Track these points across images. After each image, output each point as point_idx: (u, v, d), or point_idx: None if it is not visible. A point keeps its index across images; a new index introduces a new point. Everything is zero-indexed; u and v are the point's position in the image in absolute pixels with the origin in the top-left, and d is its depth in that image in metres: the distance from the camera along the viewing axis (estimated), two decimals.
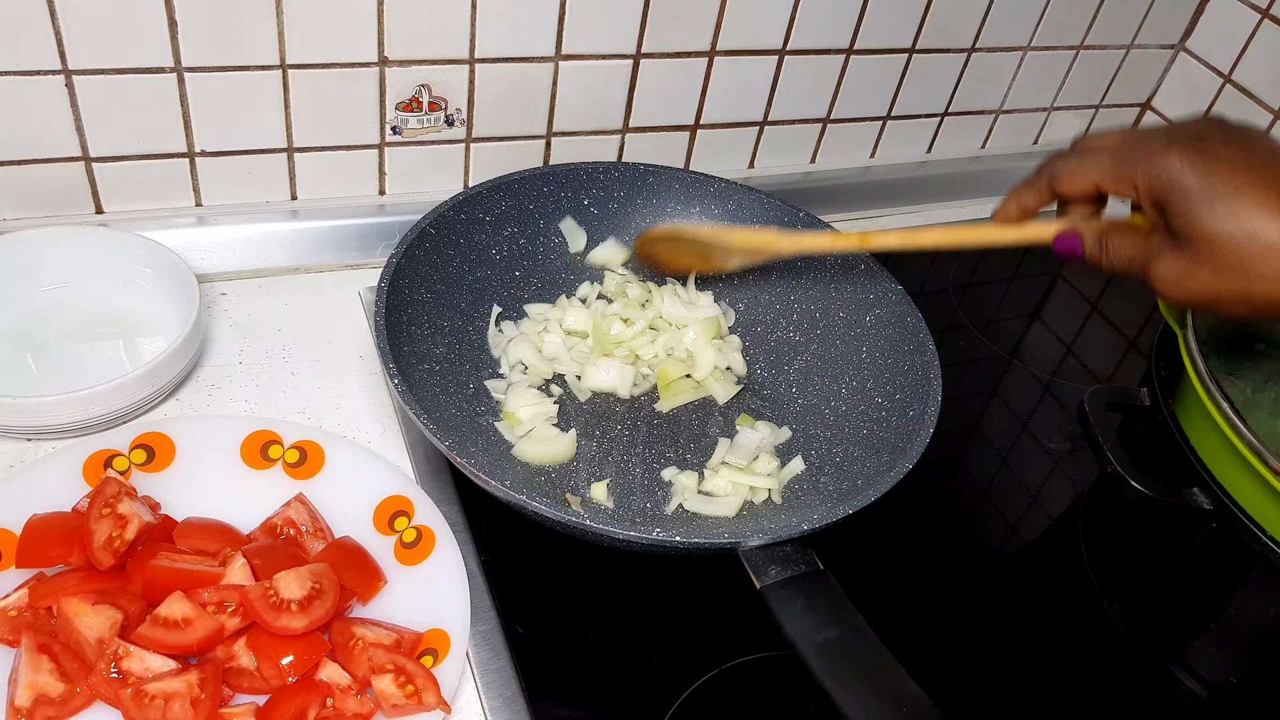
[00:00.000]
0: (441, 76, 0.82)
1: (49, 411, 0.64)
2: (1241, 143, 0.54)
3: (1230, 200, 0.52)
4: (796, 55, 0.94)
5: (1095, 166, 0.59)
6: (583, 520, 0.57)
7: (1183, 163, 0.54)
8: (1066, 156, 0.61)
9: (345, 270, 0.86)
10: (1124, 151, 0.57)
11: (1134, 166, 0.56)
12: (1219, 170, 0.53)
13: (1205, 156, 0.54)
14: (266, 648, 0.56)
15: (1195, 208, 0.53)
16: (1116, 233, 0.59)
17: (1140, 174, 0.56)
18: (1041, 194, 0.62)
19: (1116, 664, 0.70)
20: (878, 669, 0.55)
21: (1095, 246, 0.60)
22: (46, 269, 0.75)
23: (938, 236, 0.69)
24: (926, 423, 0.67)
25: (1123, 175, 0.57)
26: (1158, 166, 0.55)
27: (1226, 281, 0.53)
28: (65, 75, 0.72)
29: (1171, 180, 0.54)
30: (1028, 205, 0.63)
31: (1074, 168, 0.60)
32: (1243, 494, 0.62)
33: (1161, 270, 0.56)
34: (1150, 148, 0.56)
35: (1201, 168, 0.53)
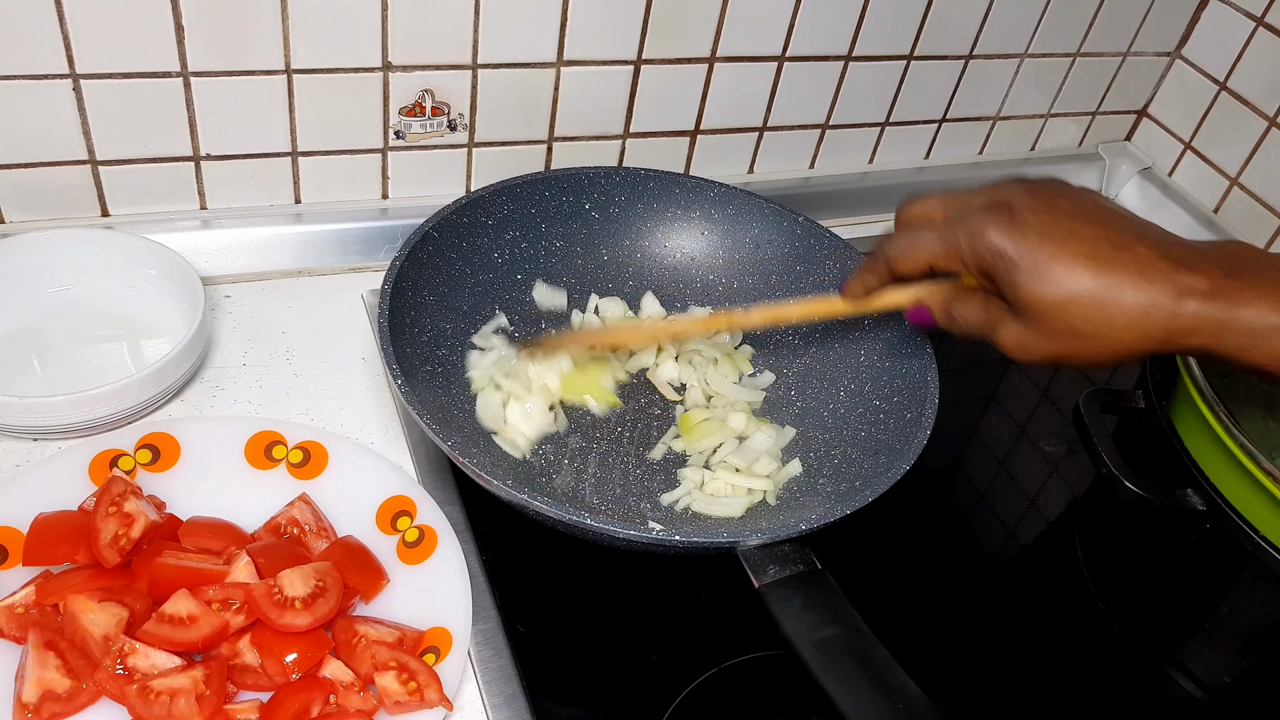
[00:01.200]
0: (445, 81, 0.83)
1: (55, 411, 0.65)
2: (1047, 208, 0.56)
3: (1045, 269, 0.54)
4: (795, 61, 0.94)
5: (925, 247, 0.61)
6: (583, 519, 0.58)
7: (999, 235, 0.56)
8: (897, 238, 0.63)
9: (348, 273, 0.86)
10: (949, 230, 0.59)
11: (957, 244, 0.58)
12: (1030, 239, 0.55)
13: (1017, 225, 0.56)
14: (270, 645, 0.57)
15: (1017, 279, 0.55)
16: (960, 300, 0.62)
17: (965, 251, 0.58)
18: (882, 276, 0.65)
19: (1112, 664, 0.71)
20: (875, 667, 0.55)
21: (943, 316, 0.63)
22: (53, 271, 0.75)
23: (799, 311, 0.72)
24: (924, 425, 0.68)
25: (951, 253, 0.59)
26: (979, 241, 0.57)
27: (1062, 343, 0.56)
28: (73, 79, 0.73)
29: (994, 252, 0.56)
30: (871, 287, 0.66)
31: (905, 250, 0.62)
32: (1236, 495, 0.62)
33: (1005, 337, 0.58)
34: (969, 222, 0.58)
35: (1016, 238, 0.55)
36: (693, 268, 0.86)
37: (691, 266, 0.86)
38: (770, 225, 0.84)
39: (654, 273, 0.86)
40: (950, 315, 0.62)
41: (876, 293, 0.66)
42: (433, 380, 0.72)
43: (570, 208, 0.83)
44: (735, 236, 0.85)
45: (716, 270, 0.86)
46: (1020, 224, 0.56)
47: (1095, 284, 0.53)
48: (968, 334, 0.62)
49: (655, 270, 0.86)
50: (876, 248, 0.65)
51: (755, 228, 0.85)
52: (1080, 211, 0.56)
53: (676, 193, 0.85)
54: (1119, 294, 0.53)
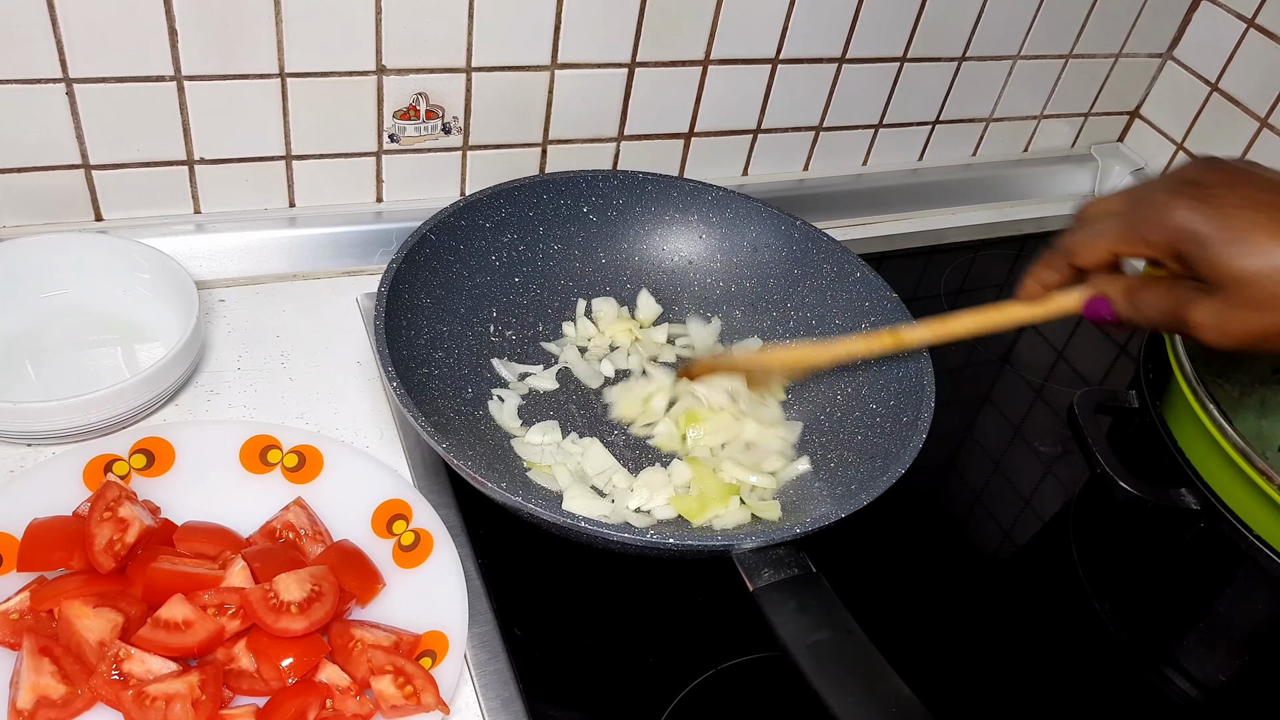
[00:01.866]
0: (439, 85, 0.83)
1: (50, 417, 0.65)
2: (1241, 180, 0.54)
3: (1247, 238, 0.52)
4: (789, 64, 0.95)
5: (1106, 234, 0.59)
6: (577, 522, 0.58)
7: (1191, 211, 0.54)
8: (1076, 231, 0.61)
9: (343, 277, 0.86)
10: (1130, 213, 0.58)
11: (1144, 226, 0.56)
12: (1227, 211, 0.53)
13: (1210, 200, 0.54)
14: (266, 649, 0.56)
15: (1216, 252, 0.53)
16: (1144, 288, 0.58)
17: (1153, 231, 0.56)
18: (1061, 271, 0.62)
19: (1107, 664, 0.71)
20: (868, 670, 0.55)
21: (1126, 305, 0.59)
22: (47, 276, 0.75)
23: (969, 323, 0.68)
24: (919, 428, 0.68)
25: (1135, 237, 0.57)
26: (1167, 220, 0.55)
27: (1265, 316, 0.53)
28: (66, 83, 0.73)
29: (1185, 230, 0.54)
30: (1049, 282, 0.63)
31: (1086, 240, 0.60)
32: (1230, 494, 0.63)
33: (1199, 317, 0.55)
34: (1155, 203, 0.56)
35: (1209, 212, 0.53)
36: (690, 271, 0.86)
37: (689, 270, 0.86)
38: (768, 229, 0.84)
39: (652, 276, 0.86)
40: (1134, 303, 0.59)
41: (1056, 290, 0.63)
42: (429, 383, 0.72)
43: (568, 211, 0.83)
44: (733, 240, 0.86)
45: (714, 273, 0.86)
46: (1213, 199, 0.54)
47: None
48: (1152, 322, 0.58)
49: (653, 273, 0.86)
50: (1055, 244, 0.62)
51: (753, 231, 0.85)
52: (1272, 185, 0.54)
53: (674, 196, 0.85)
54: None
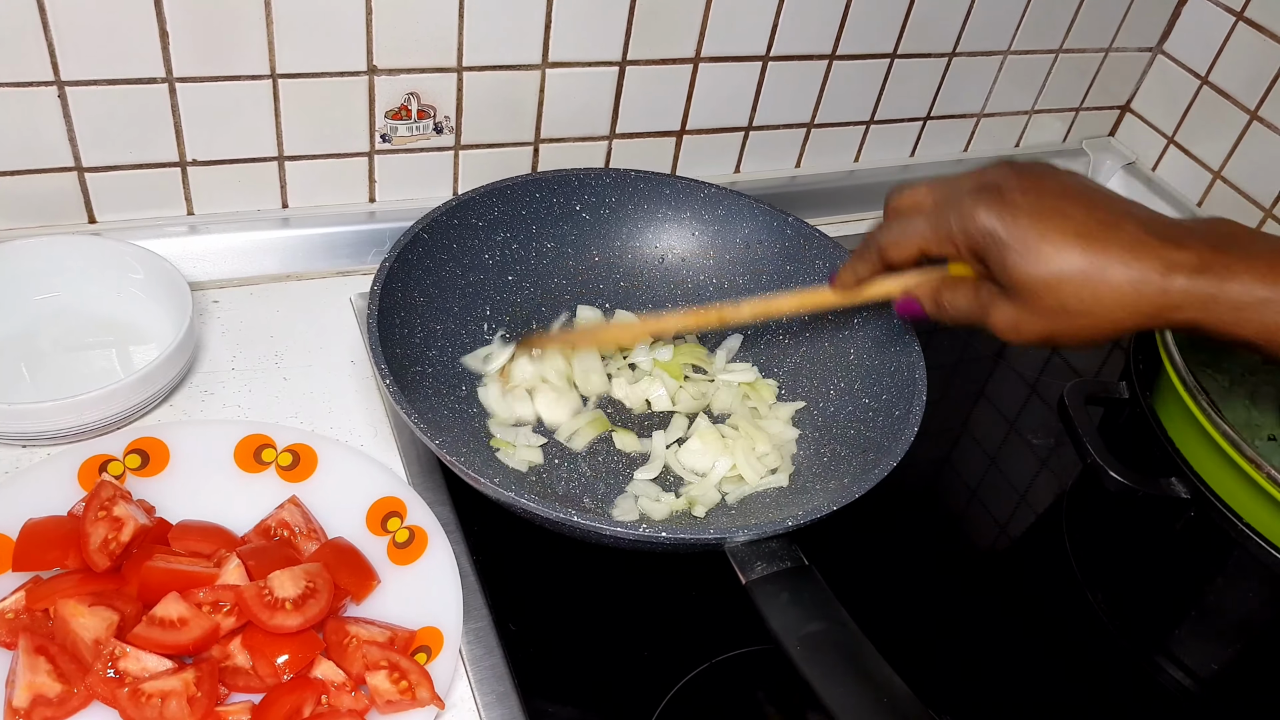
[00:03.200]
0: (430, 84, 0.83)
1: (44, 417, 0.65)
2: (1035, 188, 0.57)
3: (1035, 248, 0.55)
4: (780, 61, 0.95)
5: (915, 233, 0.62)
6: (570, 516, 0.58)
7: (989, 216, 0.57)
8: (888, 226, 0.64)
9: (336, 277, 0.87)
10: (939, 214, 0.60)
11: (948, 228, 0.59)
12: (1020, 219, 0.56)
13: (1007, 206, 0.57)
14: (261, 646, 0.57)
15: (1008, 259, 0.56)
16: (949, 288, 0.62)
17: (955, 233, 0.59)
18: (873, 264, 0.66)
19: (1100, 653, 0.71)
20: (860, 662, 0.55)
21: (933, 305, 0.64)
22: (40, 278, 0.75)
23: (789, 303, 0.73)
24: (911, 421, 0.68)
25: (940, 237, 0.60)
26: (968, 224, 0.58)
27: (1054, 322, 0.57)
28: (58, 86, 0.73)
29: (983, 234, 0.57)
30: (863, 276, 0.67)
31: (896, 238, 0.63)
32: (1220, 483, 0.63)
33: (997, 320, 0.59)
34: (959, 206, 0.59)
35: (1006, 219, 0.56)
36: (684, 268, 0.87)
37: (682, 267, 0.87)
38: (760, 225, 0.84)
39: (645, 273, 0.86)
40: (940, 303, 0.63)
41: (867, 282, 0.67)
42: (422, 381, 0.73)
43: (561, 209, 0.83)
44: (726, 237, 0.86)
45: (707, 270, 0.86)
46: (1010, 204, 0.57)
47: (1085, 261, 0.54)
48: (958, 321, 0.62)
49: (646, 271, 0.86)
50: (867, 237, 0.66)
51: (746, 228, 0.85)
52: (1068, 192, 0.57)
53: (667, 194, 0.85)
54: (1108, 271, 0.54)
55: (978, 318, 0.61)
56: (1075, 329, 0.56)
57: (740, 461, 0.74)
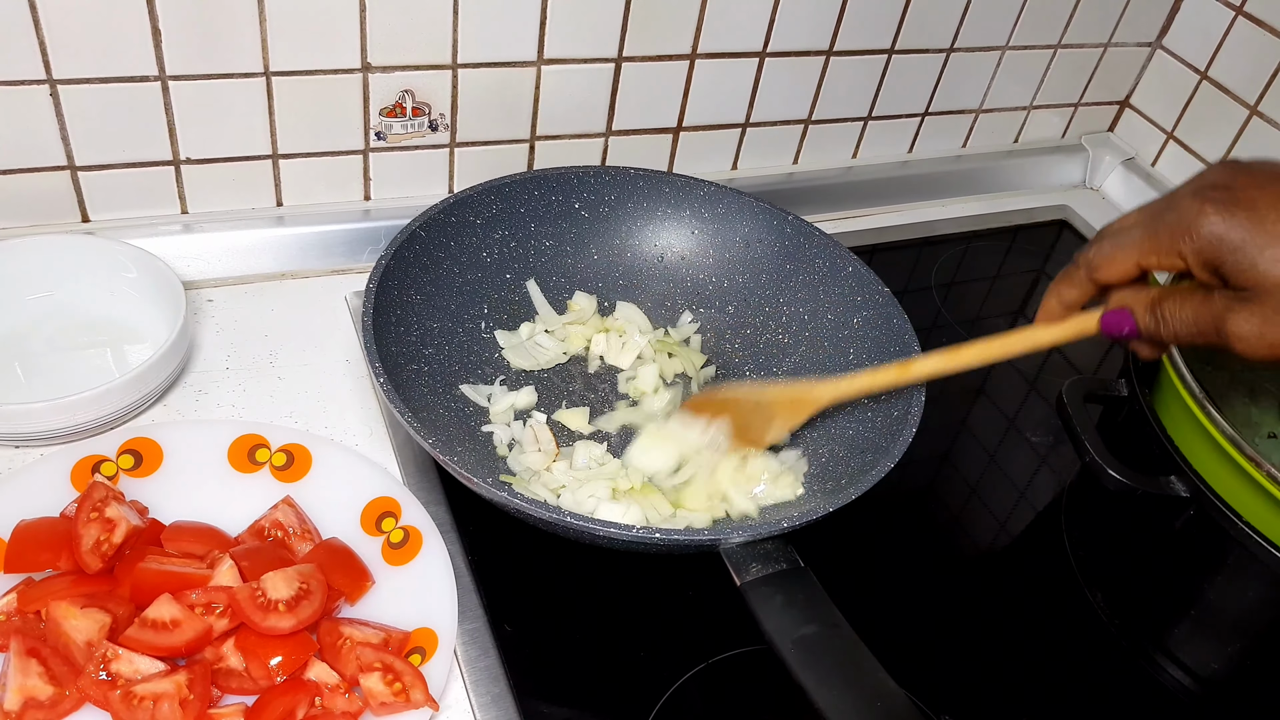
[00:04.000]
0: (425, 82, 0.83)
1: (37, 418, 0.65)
2: (1268, 180, 0.52)
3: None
4: (777, 57, 0.94)
5: (1132, 245, 0.55)
6: (563, 517, 0.58)
7: (1222, 217, 0.51)
8: (1100, 242, 0.58)
9: (331, 275, 0.86)
10: (1155, 223, 0.54)
11: (1173, 235, 0.53)
12: (1262, 213, 0.50)
13: (1242, 204, 0.51)
14: (255, 648, 0.56)
15: (1253, 259, 0.50)
16: (1171, 299, 0.55)
17: (1182, 240, 0.53)
18: (1083, 285, 0.59)
19: (1099, 652, 0.71)
20: (853, 664, 0.55)
21: (1150, 318, 0.56)
22: (33, 278, 0.75)
23: (980, 352, 0.64)
24: (910, 422, 0.68)
25: (1163, 247, 0.54)
26: (1198, 228, 0.52)
27: None
28: (50, 84, 0.72)
29: (1217, 237, 0.51)
30: (1070, 300, 0.60)
31: (1110, 252, 0.57)
32: (1219, 481, 0.62)
33: (1239, 329, 0.52)
34: (1181, 211, 0.53)
35: (1243, 216, 0.51)
36: (683, 266, 0.86)
37: (681, 265, 0.86)
38: (760, 224, 0.84)
39: (644, 271, 0.86)
40: (1160, 315, 0.55)
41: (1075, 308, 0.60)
42: (418, 379, 0.72)
43: (560, 207, 0.83)
44: (725, 235, 0.85)
45: (707, 269, 0.86)
46: (1245, 201, 0.51)
47: None
48: (1181, 338, 0.55)
49: (645, 269, 0.86)
50: (1075, 257, 0.59)
51: (745, 226, 0.85)
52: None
53: (666, 192, 0.85)
54: None
55: (1209, 331, 0.53)
56: None
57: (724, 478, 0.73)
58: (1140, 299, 0.57)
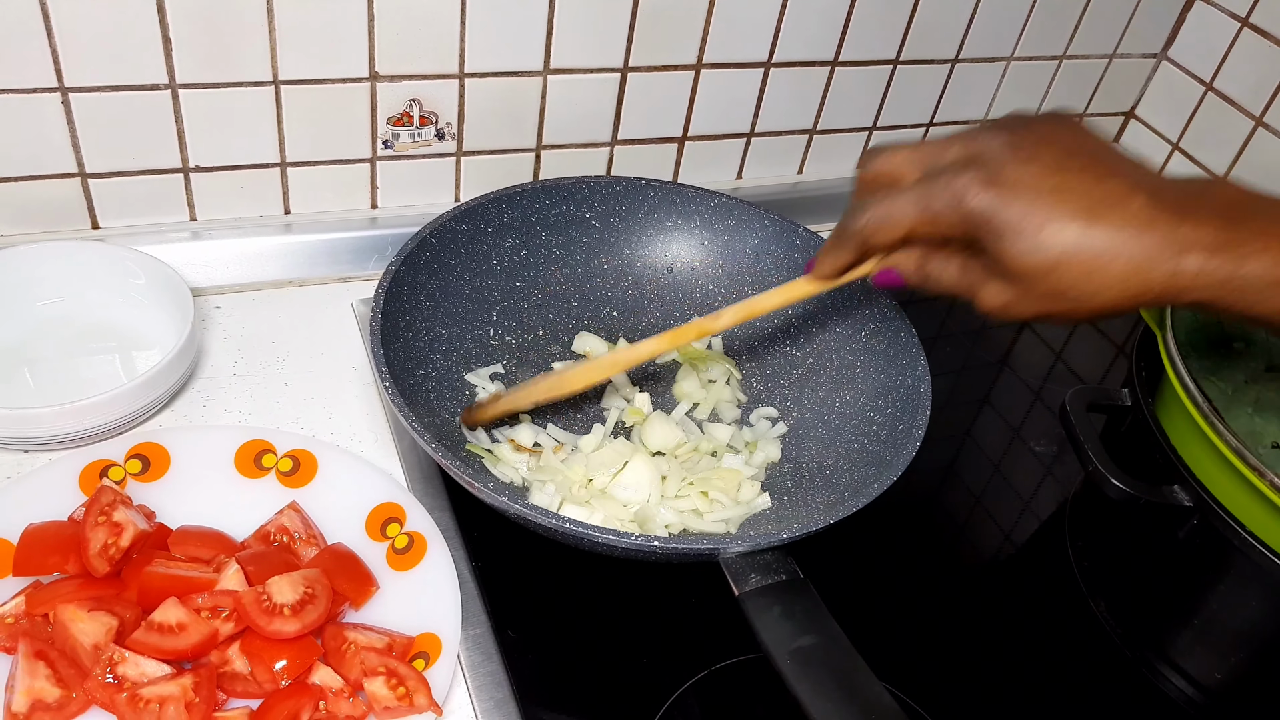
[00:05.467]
0: (432, 91, 0.83)
1: (46, 422, 0.65)
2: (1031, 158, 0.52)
3: (1034, 232, 0.51)
4: (782, 67, 0.95)
5: (900, 217, 0.56)
6: (563, 524, 0.58)
7: (985, 198, 0.52)
8: (868, 209, 0.58)
9: (338, 283, 0.87)
10: (925, 193, 0.55)
11: (939, 210, 0.54)
12: (1018, 200, 0.51)
13: (1002, 185, 0.52)
14: (260, 652, 0.57)
15: (1008, 245, 0.52)
16: (934, 258, 0.58)
17: (948, 217, 0.54)
18: (854, 253, 0.61)
19: (1103, 662, 0.71)
20: (849, 677, 0.55)
21: (918, 275, 0.60)
22: (43, 284, 0.76)
23: (773, 300, 0.68)
24: (914, 436, 0.67)
25: (930, 221, 0.55)
26: (963, 207, 0.53)
27: (1049, 305, 0.53)
28: (61, 92, 0.73)
29: (980, 219, 0.53)
30: (842, 265, 0.63)
31: (880, 223, 0.58)
32: (1223, 491, 0.63)
33: (987, 300, 0.56)
34: (949, 185, 0.54)
35: (1001, 200, 0.52)
36: (692, 277, 0.86)
37: (691, 276, 0.86)
38: (770, 236, 0.84)
39: (654, 282, 0.86)
40: (925, 274, 0.59)
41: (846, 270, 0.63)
42: (425, 385, 0.73)
43: (570, 216, 0.83)
44: (735, 247, 0.85)
45: (716, 280, 0.86)
46: (1005, 182, 0.52)
47: (1089, 245, 0.50)
48: (943, 292, 0.59)
49: (655, 280, 0.86)
50: (844, 220, 0.60)
51: (755, 238, 0.85)
52: (1069, 161, 0.52)
53: (677, 202, 0.85)
54: (1114, 254, 0.50)
55: (965, 292, 0.57)
56: (1070, 312, 0.53)
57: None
58: (909, 259, 0.60)
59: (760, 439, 0.78)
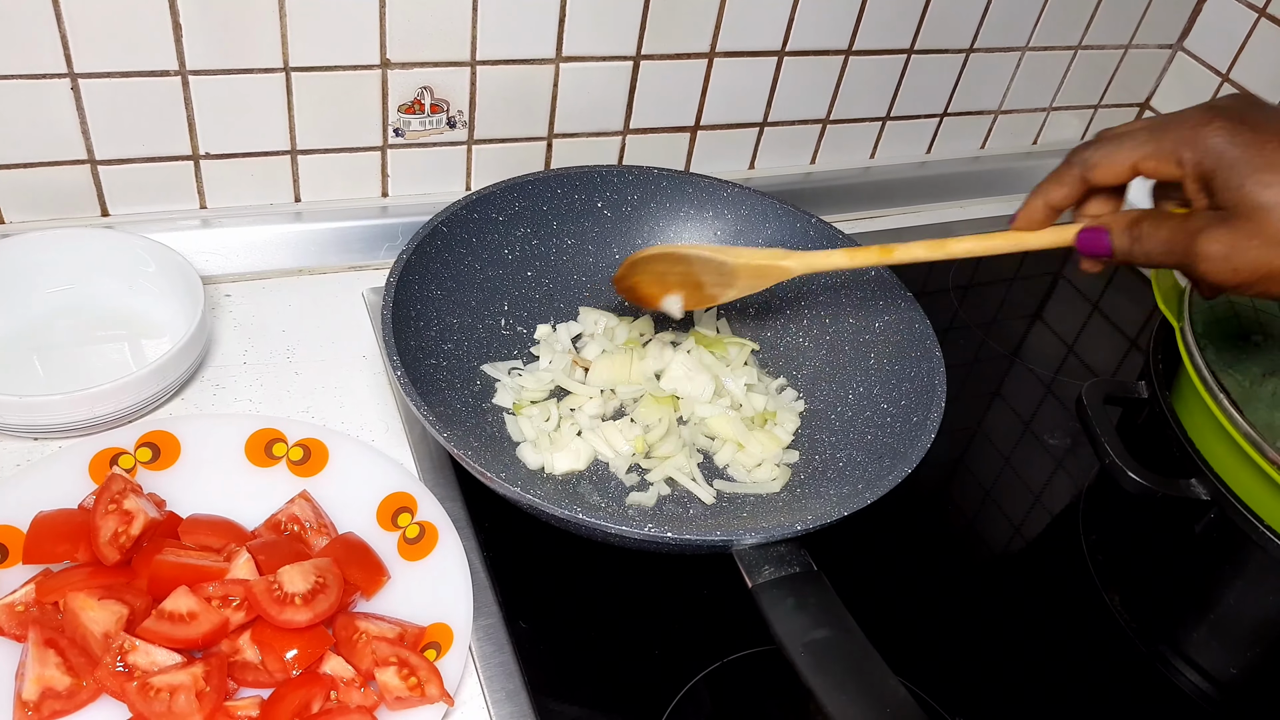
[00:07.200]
0: (443, 79, 0.83)
1: (56, 410, 0.65)
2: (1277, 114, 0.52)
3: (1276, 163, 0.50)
4: (795, 56, 0.94)
5: (1132, 148, 0.55)
6: (575, 514, 0.58)
7: (1227, 133, 0.52)
8: (1097, 144, 0.57)
9: (349, 272, 0.86)
10: (1161, 130, 0.55)
11: (1176, 142, 0.54)
12: (1265, 139, 0.51)
13: (1250, 126, 0.52)
14: (271, 641, 0.56)
15: (1244, 177, 0.51)
16: (1149, 219, 0.56)
17: (1183, 147, 0.53)
18: (1072, 186, 0.59)
19: (1117, 657, 0.71)
20: (864, 670, 0.54)
21: (1125, 237, 0.57)
22: (53, 271, 0.75)
23: (965, 245, 0.64)
24: (928, 428, 0.67)
25: (1164, 152, 0.54)
26: (1201, 139, 0.52)
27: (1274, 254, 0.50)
28: (71, 78, 0.73)
29: (1217, 150, 0.52)
30: (1056, 202, 0.60)
31: (1109, 152, 0.56)
32: (1240, 484, 0.62)
33: (1208, 248, 0.52)
34: (1187, 121, 0.53)
35: (1247, 137, 0.51)
36: None
37: None
38: (783, 226, 0.84)
39: None
40: (1135, 234, 0.56)
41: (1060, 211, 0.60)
42: (436, 374, 0.72)
43: (583, 205, 0.83)
44: (748, 237, 0.85)
45: None
46: (1253, 124, 0.52)
47: None
48: (1152, 258, 0.55)
49: None
50: (1070, 154, 0.59)
51: (768, 229, 0.84)
52: None
53: (689, 192, 0.85)
54: None
55: (1180, 250, 0.54)
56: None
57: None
58: (1119, 219, 0.57)
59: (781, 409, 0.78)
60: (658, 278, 0.74)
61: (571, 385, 0.77)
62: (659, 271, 0.74)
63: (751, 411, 0.78)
